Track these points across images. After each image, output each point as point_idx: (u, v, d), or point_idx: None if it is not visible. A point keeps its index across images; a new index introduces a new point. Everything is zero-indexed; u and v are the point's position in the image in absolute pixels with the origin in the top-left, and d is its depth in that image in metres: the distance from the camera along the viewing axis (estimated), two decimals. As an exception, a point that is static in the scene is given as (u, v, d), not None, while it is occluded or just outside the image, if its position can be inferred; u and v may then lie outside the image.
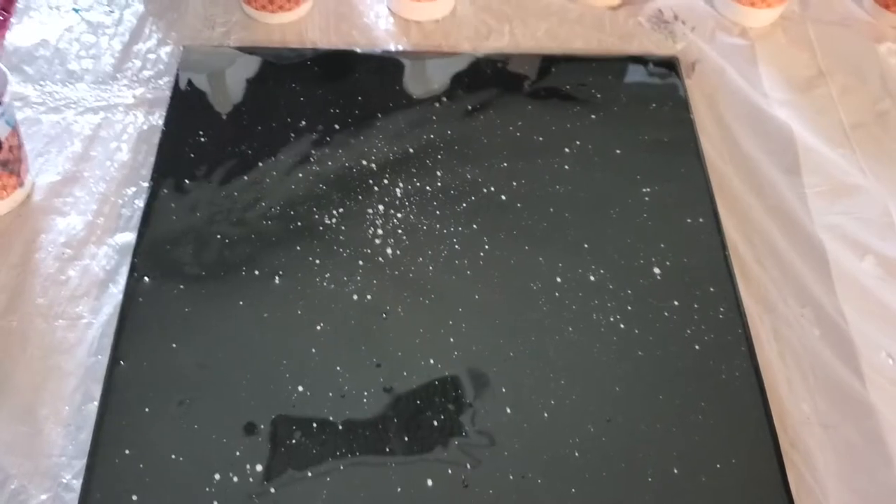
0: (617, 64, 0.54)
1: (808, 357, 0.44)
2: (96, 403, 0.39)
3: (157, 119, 0.51)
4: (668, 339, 0.42)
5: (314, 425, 0.38)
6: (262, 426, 0.38)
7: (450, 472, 0.37)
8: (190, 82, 0.51)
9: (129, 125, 0.51)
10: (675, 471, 0.38)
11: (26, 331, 0.42)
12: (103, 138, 0.51)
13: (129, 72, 0.54)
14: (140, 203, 0.47)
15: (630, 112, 0.51)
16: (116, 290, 0.44)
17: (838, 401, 0.42)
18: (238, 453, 0.37)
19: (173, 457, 0.37)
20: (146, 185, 0.47)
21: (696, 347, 0.42)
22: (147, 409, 0.38)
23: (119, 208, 0.48)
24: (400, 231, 0.45)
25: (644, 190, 0.47)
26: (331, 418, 0.38)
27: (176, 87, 0.51)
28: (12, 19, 0.56)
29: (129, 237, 0.46)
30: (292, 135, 0.49)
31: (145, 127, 0.51)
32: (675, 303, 0.43)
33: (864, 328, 0.44)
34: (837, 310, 0.45)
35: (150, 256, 0.43)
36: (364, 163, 0.48)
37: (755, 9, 0.58)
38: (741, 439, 0.39)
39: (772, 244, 0.48)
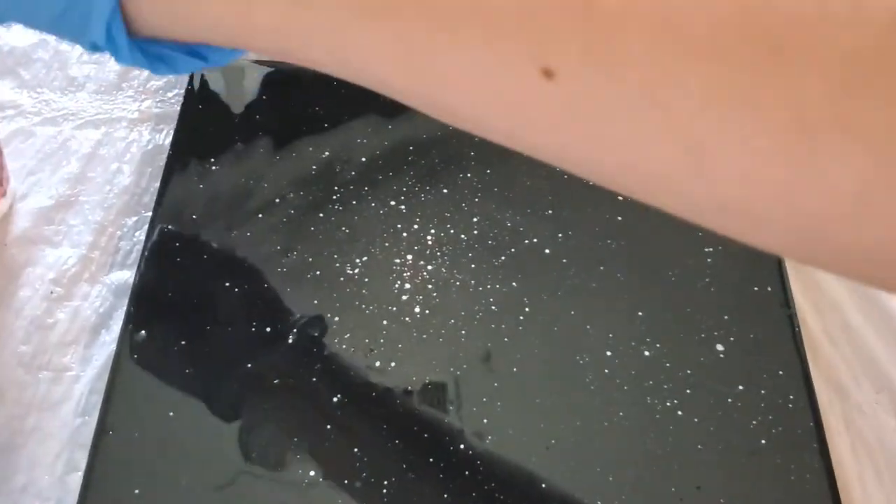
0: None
1: (884, 452, 0.39)
2: (80, 474, 0.35)
3: (165, 137, 0.46)
4: (732, 430, 0.37)
5: (327, 518, 0.33)
6: (269, 518, 0.33)
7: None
8: (202, 98, 0.46)
9: (133, 143, 0.46)
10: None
11: (4, 383, 0.38)
12: (103, 157, 0.45)
13: (136, 81, 0.49)
14: (141, 236, 0.42)
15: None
16: (109, 338, 0.39)
17: (918, 506, 0.37)
18: (239, 549, 0.33)
19: (165, 550, 0.33)
20: (148, 214, 0.42)
21: (763, 442, 0.37)
22: (137, 491, 0.34)
23: (117, 241, 0.43)
24: (430, 286, 0.40)
25: (706, 250, 0.42)
26: (345, 511, 0.34)
27: (185, 104, 0.46)
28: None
29: (127, 275, 0.41)
30: (314, 167, 0.43)
31: (150, 146, 0.46)
32: (740, 387, 0.38)
33: (947, 419, 0.39)
34: (917, 397, 0.40)
35: (148, 305, 0.38)
36: (392, 203, 0.43)
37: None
38: (810, 552, 0.35)
39: (844, 316, 0.43)
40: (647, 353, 0.39)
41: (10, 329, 0.39)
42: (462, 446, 0.36)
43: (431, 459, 0.35)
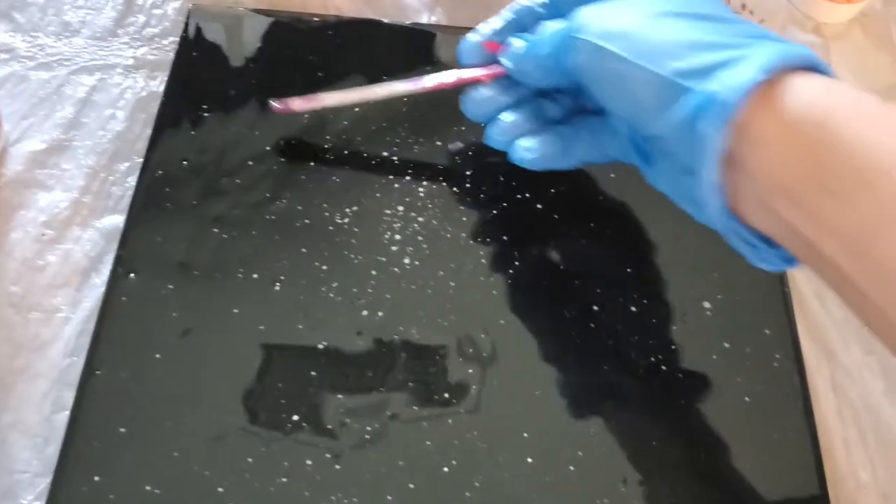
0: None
1: (870, 415, 0.39)
2: (68, 413, 0.35)
3: (158, 85, 0.46)
4: (716, 387, 0.37)
5: (308, 462, 0.34)
6: (250, 460, 0.34)
7: (459, 529, 0.33)
8: (196, 46, 0.46)
9: (127, 90, 0.46)
10: (715, 545, 0.33)
11: (-6, 323, 0.38)
12: (97, 103, 0.45)
13: (132, 28, 0.48)
14: (133, 181, 0.42)
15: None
16: (100, 282, 0.39)
17: (901, 468, 0.37)
18: (221, 489, 0.33)
19: (148, 488, 0.33)
20: (140, 161, 0.42)
21: (747, 399, 0.37)
22: (122, 430, 0.34)
23: (109, 186, 0.42)
24: (420, 238, 0.40)
25: (698, 209, 0.41)
26: (327, 455, 0.34)
27: (179, 51, 0.45)
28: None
29: (118, 220, 0.41)
30: (306, 116, 0.43)
31: (144, 93, 0.46)
32: (726, 345, 0.38)
33: (934, 383, 0.39)
34: (905, 360, 0.40)
35: (137, 249, 0.38)
36: (385, 154, 0.43)
37: (833, 2, 0.52)
38: (790, 509, 0.35)
39: (836, 279, 0.42)
40: (633, 308, 0.39)
41: (1, 270, 0.39)
42: (446, 395, 0.36)
43: (415, 408, 0.35)
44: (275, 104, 0.41)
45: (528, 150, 0.38)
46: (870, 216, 0.26)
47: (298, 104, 0.41)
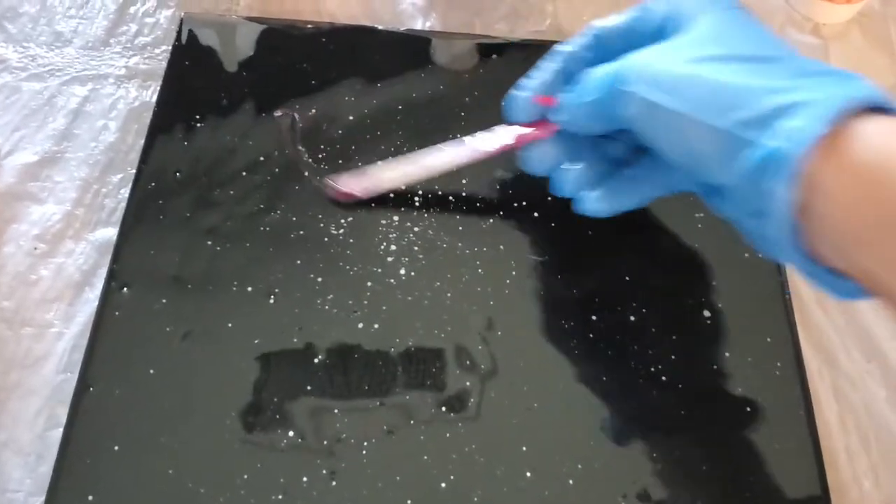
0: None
1: (872, 423, 0.38)
2: (61, 430, 0.35)
3: (151, 94, 0.46)
4: (716, 398, 0.36)
5: (304, 479, 0.33)
6: (246, 476, 0.33)
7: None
8: (188, 55, 0.45)
9: (120, 100, 0.45)
10: (717, 559, 0.33)
11: (-13, 339, 0.38)
12: (90, 114, 0.45)
13: (124, 37, 0.48)
14: (126, 193, 0.41)
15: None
16: (93, 296, 0.39)
17: (904, 477, 0.37)
18: (216, 507, 0.33)
19: (142, 507, 0.33)
20: (133, 171, 0.42)
21: (748, 410, 0.36)
22: (116, 447, 0.34)
23: (102, 198, 0.42)
24: (416, 248, 0.40)
25: (697, 215, 0.41)
26: (323, 471, 0.34)
27: (171, 60, 0.45)
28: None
29: (111, 233, 0.40)
30: (300, 125, 0.43)
31: (137, 103, 0.45)
32: (727, 354, 0.37)
33: (937, 389, 0.39)
34: (908, 367, 0.40)
35: (130, 262, 0.38)
36: (379, 163, 0.42)
37: (831, 3, 0.51)
38: (792, 520, 0.34)
39: (837, 285, 0.42)
40: (632, 318, 0.38)
41: (-7, 285, 0.39)
42: (443, 409, 0.35)
43: (412, 421, 0.35)
44: (331, 186, 0.40)
45: (598, 200, 0.37)
46: None
47: (356, 187, 0.40)
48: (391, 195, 0.41)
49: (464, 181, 0.42)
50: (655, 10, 0.34)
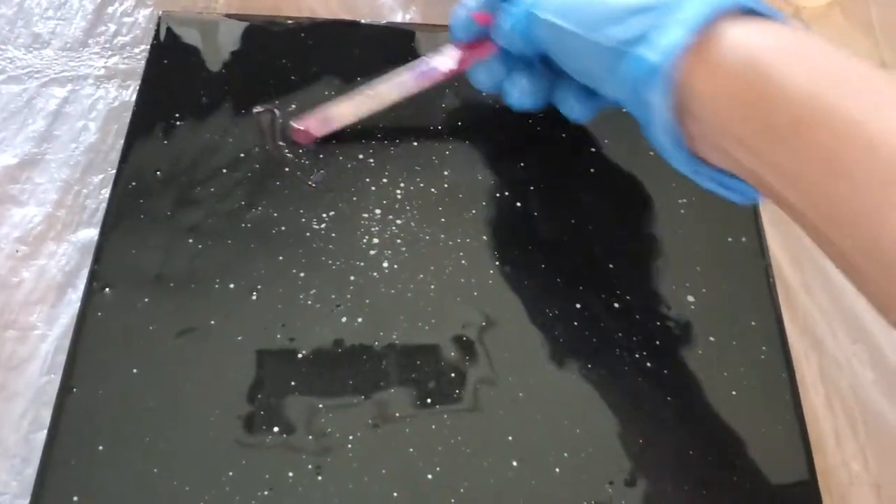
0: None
1: (859, 405, 0.38)
2: (46, 432, 0.34)
3: (131, 94, 0.45)
4: (702, 382, 0.36)
5: (290, 474, 0.33)
6: (231, 473, 0.33)
7: (444, 536, 0.32)
8: (167, 53, 0.45)
9: (99, 100, 0.45)
10: (705, 543, 0.33)
11: (-30, 342, 0.37)
12: (69, 115, 0.45)
13: (102, 37, 0.48)
14: (107, 194, 0.41)
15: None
16: (76, 297, 0.39)
17: (893, 458, 0.37)
18: (202, 504, 0.32)
19: (128, 506, 0.32)
20: (114, 172, 0.41)
21: (734, 394, 0.36)
22: (101, 448, 0.33)
23: (83, 199, 0.42)
24: (399, 241, 0.39)
25: (680, 201, 0.41)
26: (309, 466, 0.33)
27: (150, 59, 0.45)
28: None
29: (93, 234, 0.40)
30: (280, 121, 0.43)
31: (116, 103, 0.45)
32: (711, 339, 0.37)
33: (924, 370, 0.39)
34: (894, 348, 0.40)
35: (112, 263, 0.38)
36: (360, 157, 0.42)
37: (812, -14, 0.51)
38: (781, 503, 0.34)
39: (821, 267, 0.42)
40: (616, 305, 0.38)
41: (-26, 289, 0.39)
42: (429, 400, 0.35)
43: (397, 414, 0.35)
44: (295, 127, 0.42)
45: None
46: (813, 159, 0.26)
47: (315, 126, 0.42)
48: (372, 189, 0.41)
49: (445, 173, 0.42)
50: None
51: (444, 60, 0.40)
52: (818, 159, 0.26)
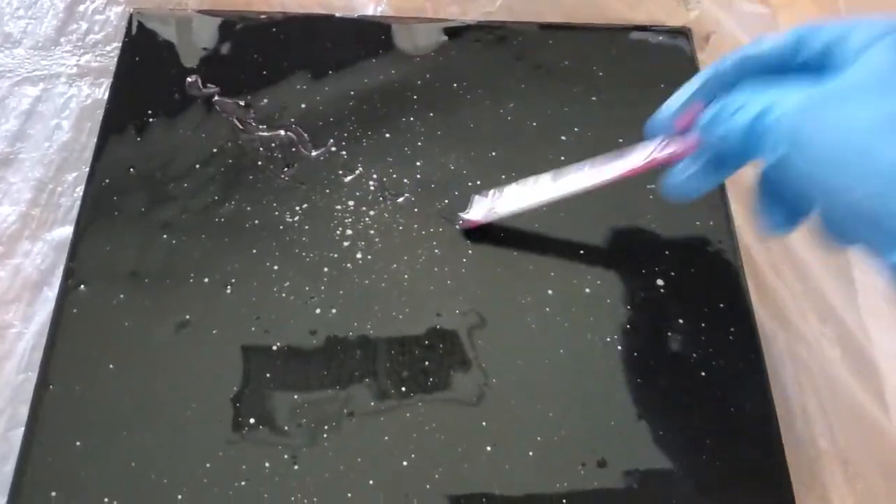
0: (622, 35, 0.48)
1: (828, 383, 0.39)
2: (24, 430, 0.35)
3: (104, 92, 0.45)
4: (672, 364, 0.37)
5: (266, 464, 0.34)
6: (208, 465, 0.33)
7: (419, 521, 0.33)
8: (138, 50, 0.45)
9: (72, 98, 0.45)
10: (676, 522, 0.33)
11: (-53, 342, 0.38)
12: (42, 114, 0.45)
13: (74, 36, 0.48)
14: (81, 191, 0.41)
15: (635, 92, 0.45)
16: (52, 295, 0.39)
17: (860, 434, 0.38)
18: (180, 497, 0.33)
19: (106, 500, 0.33)
20: (88, 169, 0.42)
21: (703, 374, 0.37)
22: (78, 443, 0.34)
23: (58, 197, 0.42)
24: (372, 232, 0.40)
25: (649, 186, 0.41)
26: (285, 456, 0.34)
27: (121, 57, 0.45)
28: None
29: (68, 232, 0.40)
30: (253, 114, 0.43)
31: (89, 101, 0.45)
32: (681, 321, 0.38)
33: (890, 348, 0.40)
34: (861, 327, 0.40)
35: (87, 260, 0.38)
36: (333, 149, 0.42)
37: (780, -29, 0.52)
38: (750, 480, 0.35)
39: (790, 249, 0.42)
40: (587, 290, 0.39)
41: (-50, 289, 0.39)
42: (403, 389, 0.36)
43: (372, 403, 0.35)
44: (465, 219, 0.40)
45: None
46: None
47: (479, 217, 0.39)
48: (345, 180, 0.41)
49: (418, 164, 0.42)
50: (818, 34, 0.28)
51: (636, 159, 0.35)
52: None
